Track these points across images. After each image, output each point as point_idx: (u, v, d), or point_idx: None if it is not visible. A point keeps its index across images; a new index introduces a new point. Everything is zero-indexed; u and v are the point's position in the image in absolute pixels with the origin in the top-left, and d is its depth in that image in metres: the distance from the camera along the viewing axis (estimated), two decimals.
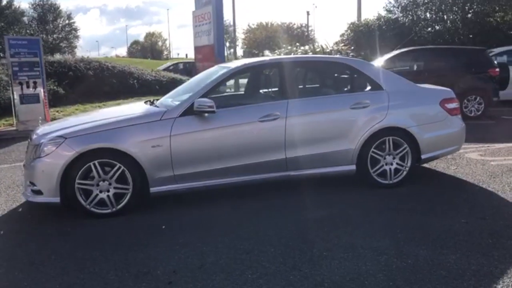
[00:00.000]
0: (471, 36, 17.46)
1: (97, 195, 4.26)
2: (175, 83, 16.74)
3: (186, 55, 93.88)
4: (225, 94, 4.74)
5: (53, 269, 3.27)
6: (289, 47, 16.76)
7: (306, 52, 15.25)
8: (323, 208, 4.42)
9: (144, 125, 4.39)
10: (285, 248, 3.50)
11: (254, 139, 4.60)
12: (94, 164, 4.21)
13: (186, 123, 4.43)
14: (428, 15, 18.38)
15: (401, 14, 18.75)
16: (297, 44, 16.45)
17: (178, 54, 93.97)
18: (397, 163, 4.96)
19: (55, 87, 13.50)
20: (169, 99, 5.15)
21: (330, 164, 4.84)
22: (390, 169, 4.94)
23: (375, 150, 4.88)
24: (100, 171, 4.23)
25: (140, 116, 4.51)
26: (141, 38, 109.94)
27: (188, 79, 17.69)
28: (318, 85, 5.37)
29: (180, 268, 3.22)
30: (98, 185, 4.26)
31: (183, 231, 3.93)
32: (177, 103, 4.73)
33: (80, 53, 54.28)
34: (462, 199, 4.63)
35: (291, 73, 4.90)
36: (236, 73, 4.82)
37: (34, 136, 4.63)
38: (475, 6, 17.28)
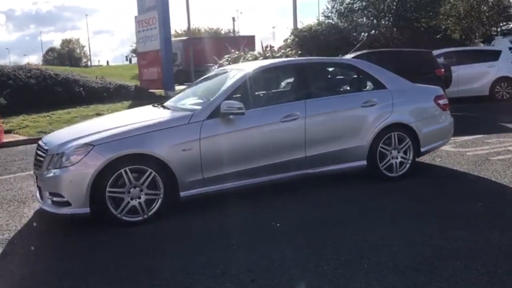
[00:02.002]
0: (404, 40, 18.77)
1: (128, 202, 4.14)
2: (123, 90, 16.25)
3: (107, 62, 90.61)
4: (244, 96, 4.78)
5: (123, 280, 3.16)
6: (237, 52, 16.92)
7: (256, 57, 15.50)
8: (346, 202, 4.66)
9: (173, 129, 4.33)
10: (342, 240, 3.65)
11: (277, 139, 4.71)
12: (125, 171, 4.09)
13: (214, 126, 4.44)
14: (364, 20, 19.50)
15: (338, 20, 19.72)
16: (245, 49, 16.63)
17: (98, 61, 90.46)
18: (401, 157, 5.32)
19: None
20: (183, 102, 5.12)
21: (344, 161, 5.08)
22: (395, 162, 5.29)
23: (383, 145, 5.19)
24: (131, 178, 4.12)
25: (168, 120, 4.45)
26: (55, 45, 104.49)
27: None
28: (329, 86, 5.60)
29: (252, 267, 3.25)
30: (129, 192, 4.13)
31: (227, 233, 3.95)
32: (197, 106, 4.72)
33: None
34: (465, 186, 5.09)
35: (305, 74, 5.08)
36: (256, 75, 4.89)
37: (48, 146, 4.38)
38: (408, 14, 18.63)
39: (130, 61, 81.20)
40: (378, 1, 19.44)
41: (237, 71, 4.98)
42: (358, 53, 11.93)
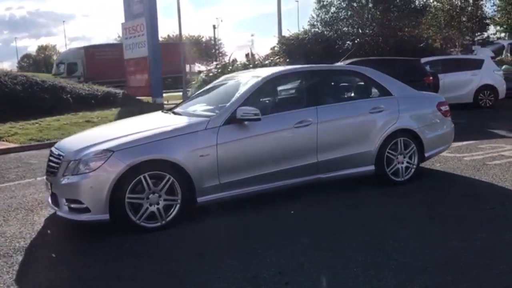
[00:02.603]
0: (388, 48, 19.16)
1: (147, 208, 4.13)
2: (111, 97, 16.11)
3: None
4: (258, 102, 4.85)
5: (156, 285, 3.16)
6: (225, 60, 17.03)
7: (245, 64, 15.61)
8: (356, 207, 4.75)
9: (191, 135, 4.36)
10: (364, 243, 3.73)
11: (291, 145, 4.78)
12: (144, 177, 4.09)
13: (230, 132, 4.48)
14: (349, 29, 19.85)
15: (324, 29, 20.03)
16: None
17: None
18: (407, 162, 5.45)
19: None
20: (193, 109, 5.16)
21: (353, 166, 5.18)
22: (401, 167, 5.41)
23: (389, 151, 5.31)
24: (150, 184, 4.12)
25: (185, 126, 4.47)
26: (29, 51, 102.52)
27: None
28: (338, 92, 5.71)
29: (282, 270, 3.29)
30: (148, 198, 4.13)
31: (248, 237, 3.99)
32: (209, 113, 4.77)
33: None
34: (469, 189, 5.25)
35: (316, 81, 5.18)
36: (269, 81, 4.97)
37: (63, 152, 4.35)
38: (392, 23, 19.06)
39: None
40: (362, 10, 19.82)
41: (250, 78, 5.04)
42: (349, 61, 12.16)
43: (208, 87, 6.12)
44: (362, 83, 5.60)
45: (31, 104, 13.67)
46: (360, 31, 19.77)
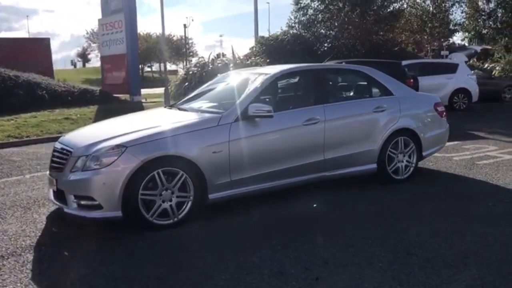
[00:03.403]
0: (363, 51, 19.53)
1: (160, 205, 4.06)
2: (88, 94, 15.72)
3: None
4: (267, 99, 4.85)
5: (183, 282, 3.11)
6: (202, 57, 16.91)
7: (226, 64, 15.54)
8: (365, 204, 4.82)
9: (204, 131, 4.31)
10: (381, 239, 3.78)
11: (299, 143, 4.80)
12: (158, 173, 4.01)
13: (241, 128, 4.45)
14: (327, 31, 20.11)
15: (302, 31, 20.21)
16: (216, 54, 16.70)
17: None
18: (406, 160, 5.57)
19: None
20: (198, 105, 5.11)
21: (357, 164, 5.25)
22: (401, 166, 5.53)
23: (391, 149, 5.42)
24: (164, 180, 4.05)
25: (197, 122, 4.41)
26: None
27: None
28: (343, 91, 5.77)
29: (308, 266, 3.30)
30: (161, 194, 4.06)
31: (265, 233, 3.97)
32: (216, 109, 4.73)
33: None
34: (467, 187, 5.41)
35: (322, 79, 5.22)
36: (278, 78, 4.97)
37: (71, 148, 4.21)
38: (368, 26, 19.44)
39: (75, 66, 78.37)
40: (339, 13, 20.12)
41: (258, 75, 5.02)
42: (334, 62, 12.31)
43: (207, 84, 6.06)
44: (366, 82, 5.69)
45: (4, 100, 13.19)
46: (339, 34, 20.04)
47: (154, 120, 4.70)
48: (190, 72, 15.96)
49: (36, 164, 7.27)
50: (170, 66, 61.20)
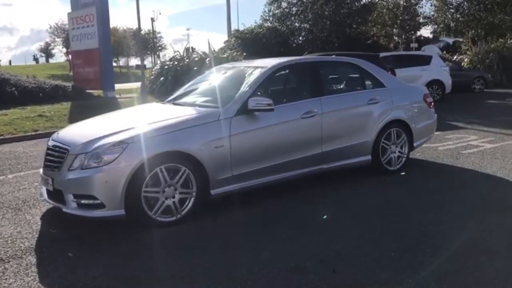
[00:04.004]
0: (336, 44, 19.72)
1: (163, 202, 3.97)
2: (60, 90, 15.22)
3: (10, 62, 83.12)
4: (265, 92, 4.81)
5: (200, 277, 3.05)
6: (177, 50, 16.70)
7: (201, 56, 15.39)
8: (361, 198, 4.87)
9: (205, 126, 4.23)
10: (388, 230, 3.82)
11: (298, 136, 4.79)
12: (161, 169, 3.92)
13: (242, 122, 4.40)
14: (302, 24, 20.19)
15: (277, 24, 20.21)
16: (192, 47, 16.48)
17: None
18: (398, 151, 5.65)
19: None
20: (193, 100, 5.03)
21: (352, 156, 5.28)
22: (394, 156, 5.61)
23: (384, 141, 5.48)
24: (167, 177, 3.96)
25: (197, 117, 4.33)
26: None
27: None
28: (338, 83, 5.78)
29: (322, 258, 3.29)
30: (164, 191, 3.97)
31: (271, 227, 3.95)
32: (211, 104, 4.65)
33: None
34: (458, 176, 5.54)
35: (318, 72, 5.20)
36: (276, 71, 4.93)
37: (67, 145, 4.05)
38: (342, 19, 19.63)
39: (37, 61, 75.80)
40: (313, 6, 20.21)
41: (254, 68, 4.97)
42: (315, 55, 12.34)
43: (197, 79, 5.96)
44: (359, 75, 5.72)
45: None
46: (314, 28, 20.15)
47: (152, 115, 4.58)
48: (166, 67, 15.73)
49: (16, 164, 6.99)
50: (138, 61, 60.09)
